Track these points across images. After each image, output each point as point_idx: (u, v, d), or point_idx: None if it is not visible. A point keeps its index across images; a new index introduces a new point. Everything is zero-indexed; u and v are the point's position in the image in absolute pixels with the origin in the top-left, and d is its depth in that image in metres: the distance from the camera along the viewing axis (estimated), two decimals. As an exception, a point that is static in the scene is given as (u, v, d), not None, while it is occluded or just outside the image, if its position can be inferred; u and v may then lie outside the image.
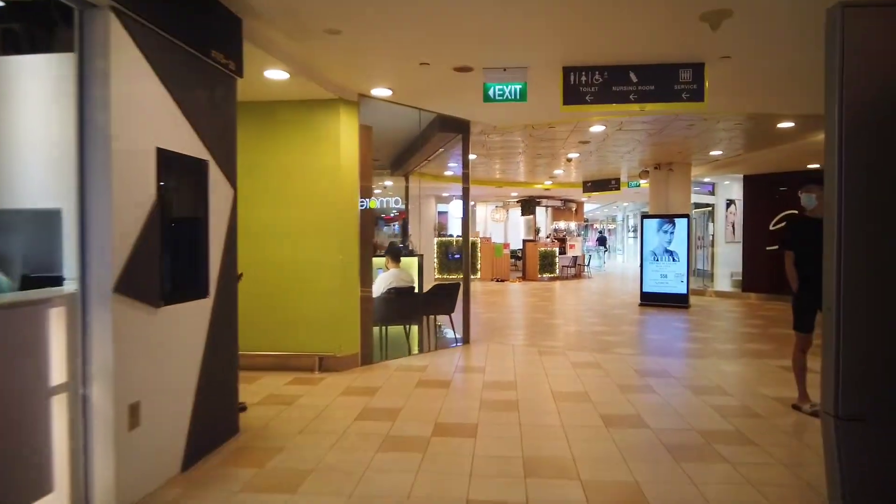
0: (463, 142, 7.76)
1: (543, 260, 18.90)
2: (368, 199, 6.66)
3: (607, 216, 37.91)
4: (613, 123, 8.00)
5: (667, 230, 11.72)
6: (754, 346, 7.46)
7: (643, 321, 9.86)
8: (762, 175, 12.92)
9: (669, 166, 12.03)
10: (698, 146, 9.83)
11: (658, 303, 11.68)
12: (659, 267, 11.80)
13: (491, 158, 11.59)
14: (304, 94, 5.85)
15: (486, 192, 18.72)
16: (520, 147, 10.18)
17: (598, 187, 15.45)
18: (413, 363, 6.44)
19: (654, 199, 12.40)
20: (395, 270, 6.93)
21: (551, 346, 7.46)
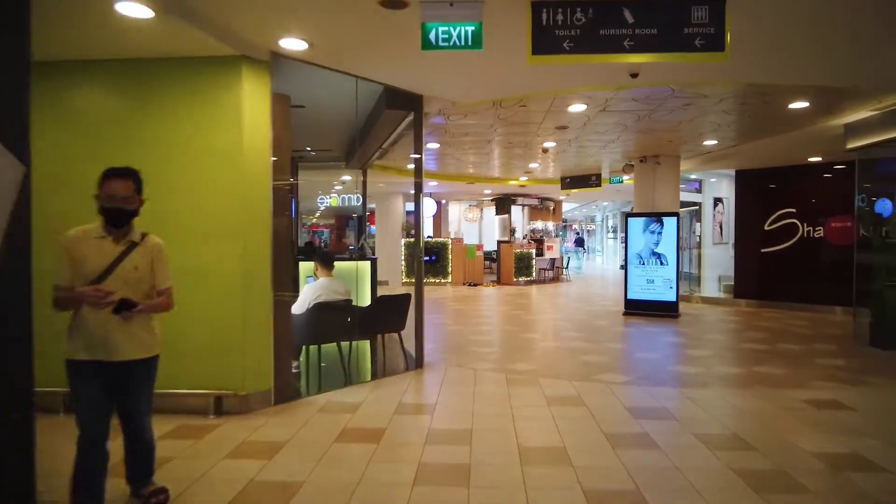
0: (415, 122, 6.38)
1: (519, 262, 17.63)
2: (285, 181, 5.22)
3: (586, 216, 36.89)
4: (597, 102, 6.68)
5: (654, 230, 10.48)
6: (765, 369, 6.20)
7: (629, 335, 8.58)
8: (757, 170, 11.78)
9: (656, 159, 10.80)
10: (691, 133, 8.59)
11: (644, 311, 10.44)
12: (645, 271, 10.56)
13: (457, 148, 10.22)
14: (188, 49, 4.40)
15: (457, 190, 17.37)
16: (489, 134, 8.82)
17: (577, 183, 14.19)
18: (346, 399, 5.03)
19: (640, 196, 11.16)
20: (326, 280, 5.50)
21: (523, 370, 6.10)
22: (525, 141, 9.40)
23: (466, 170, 13.56)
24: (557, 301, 13.08)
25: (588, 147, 10.03)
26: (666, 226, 10.37)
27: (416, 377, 5.85)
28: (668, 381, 5.72)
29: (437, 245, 17.41)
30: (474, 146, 9.91)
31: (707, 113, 7.19)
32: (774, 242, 11.55)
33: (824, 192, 10.95)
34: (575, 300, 13.21)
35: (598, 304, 12.21)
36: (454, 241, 17.47)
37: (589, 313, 10.78)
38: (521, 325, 9.29)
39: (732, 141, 9.23)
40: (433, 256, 17.35)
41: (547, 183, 15.40)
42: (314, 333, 5.36)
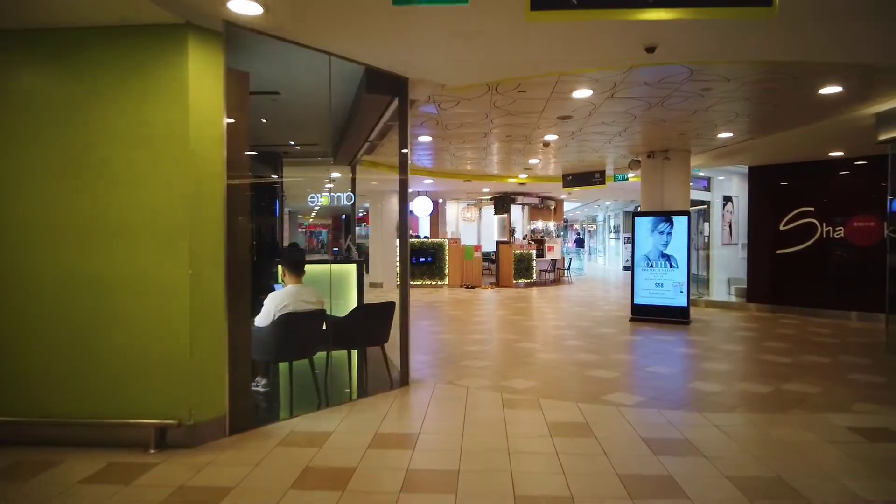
0: (399, 110, 5.66)
1: (519, 264, 16.90)
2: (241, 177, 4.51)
3: (588, 216, 36.16)
4: (604, 86, 5.96)
5: (662, 231, 9.77)
6: (795, 387, 5.48)
7: (639, 344, 7.86)
8: (772, 166, 11.06)
9: (665, 154, 10.08)
10: (706, 124, 7.87)
11: (653, 317, 9.72)
12: (653, 274, 9.84)
13: (452, 142, 9.50)
14: (121, 15, 3.69)
15: (454, 188, 16.66)
16: (486, 126, 8.09)
17: (579, 181, 13.47)
18: (315, 426, 4.32)
19: (647, 194, 10.44)
20: (294, 287, 4.78)
21: (521, 389, 5.39)
22: (525, 134, 8.68)
23: (463, 167, 12.84)
24: (559, 305, 12.36)
25: (592, 141, 9.31)
26: (676, 226, 9.65)
27: (399, 398, 5.13)
28: (687, 403, 4.99)
29: (433, 246, 16.70)
30: (470, 140, 9.19)
31: (727, 100, 6.47)
32: (791, 243, 10.83)
33: (845, 190, 10.23)
34: (578, 304, 12.48)
35: (603, 309, 11.49)
36: (451, 242, 16.76)
37: (593, 319, 10.06)
38: (521, 333, 8.57)
39: (749, 133, 8.50)
40: (429, 258, 16.64)
41: (548, 181, 14.68)
42: (281, 349, 4.64)
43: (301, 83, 6.18)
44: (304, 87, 6.23)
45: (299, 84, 6.21)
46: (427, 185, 15.68)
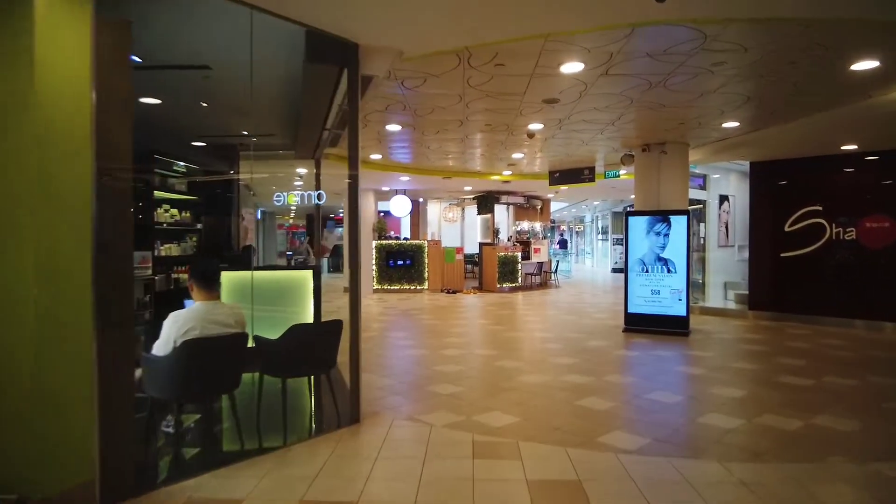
0: (349, 83, 4.64)
1: (504, 267, 15.92)
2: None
3: (575, 217, 35.34)
4: (598, 59, 4.97)
5: (659, 231, 8.82)
6: (827, 421, 4.53)
7: (635, 362, 6.88)
8: (776, 162, 10.17)
9: (662, 147, 9.14)
10: (710, 111, 6.93)
11: (648, 327, 8.77)
12: (649, 280, 8.89)
13: (426, 133, 8.47)
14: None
15: (434, 186, 15.64)
16: (461, 111, 7.08)
17: (567, 178, 12.51)
18: (222, 490, 3.27)
19: (642, 192, 9.49)
20: (204, 306, 3.72)
21: (498, 426, 4.38)
22: (506, 122, 7.68)
23: (443, 162, 11.83)
24: (546, 313, 11.38)
25: (582, 131, 8.33)
26: (674, 226, 8.71)
27: (343, 442, 4.10)
28: (702, 447, 4.01)
29: (412, 248, 15.66)
30: (446, 130, 8.17)
31: (739, 78, 5.52)
32: (797, 245, 9.94)
33: (857, 187, 9.36)
34: (566, 311, 11.51)
35: (593, 318, 10.52)
36: (431, 244, 15.74)
37: (583, 329, 9.08)
38: (502, 348, 7.56)
39: (757, 123, 7.58)
40: (407, 260, 15.60)
41: (533, 178, 13.71)
42: (183, 386, 3.58)
43: (234, 55, 5.13)
44: (240, 60, 5.17)
45: (233, 57, 5.16)
46: (405, 183, 14.64)
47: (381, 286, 15.60)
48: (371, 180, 13.65)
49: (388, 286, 15.60)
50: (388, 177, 12.97)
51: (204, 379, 3.66)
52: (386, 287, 15.60)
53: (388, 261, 15.59)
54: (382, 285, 15.61)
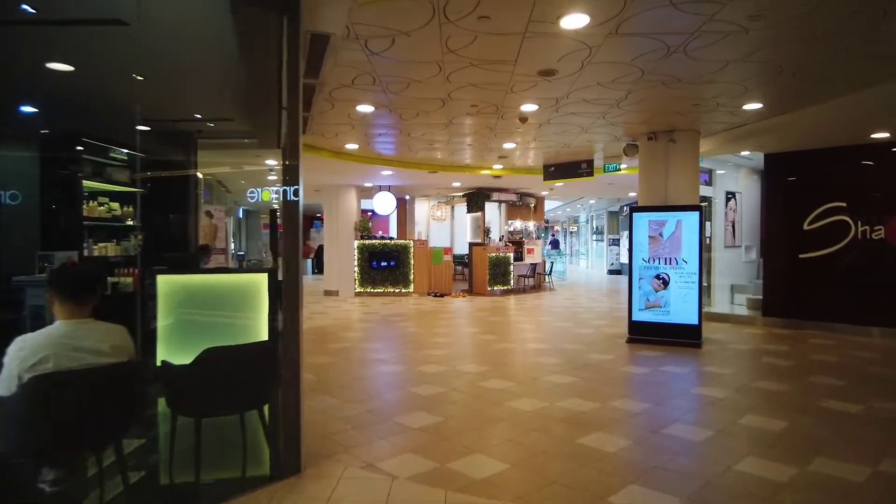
0: (288, 38, 3.61)
1: (495, 268, 14.92)
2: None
3: (570, 217, 34.42)
4: (608, 8, 3.95)
5: (668, 230, 7.84)
6: None
7: (645, 382, 5.87)
8: (795, 153, 9.21)
9: (670, 135, 8.15)
10: (732, 88, 5.95)
11: (655, 337, 7.79)
12: (656, 285, 7.90)
13: (404, 116, 7.44)
14: None
15: (420, 182, 14.60)
16: (442, 87, 6.06)
17: (563, 173, 11.51)
18: None
19: (648, 185, 8.50)
20: (66, 326, 2.66)
21: (480, 479, 3.36)
22: (495, 102, 6.66)
23: (428, 154, 10.81)
24: (540, 319, 10.37)
25: (581, 114, 7.33)
26: (685, 224, 7.73)
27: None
28: (750, 511, 3.00)
29: (397, 248, 14.62)
30: (426, 109, 7.13)
31: (778, 39, 4.53)
32: (817, 246, 8.98)
33: (887, 181, 8.41)
34: (562, 317, 10.50)
35: (592, 325, 9.52)
36: (417, 244, 14.70)
37: (582, 340, 8.08)
38: (490, 363, 6.54)
39: (787, 103, 6.60)
40: (391, 262, 14.57)
41: (527, 173, 12.70)
42: (34, 438, 2.54)
43: (158, 8, 4.08)
44: (164, 16, 4.13)
45: (156, 10, 4.11)
46: (387, 178, 13.59)
47: (363, 289, 14.55)
48: (351, 175, 12.60)
49: (371, 289, 14.56)
50: (369, 171, 11.93)
51: (66, 426, 2.62)
52: (369, 290, 14.55)
53: (371, 262, 14.54)
54: (365, 288, 14.56)
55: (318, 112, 7.08)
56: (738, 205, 12.41)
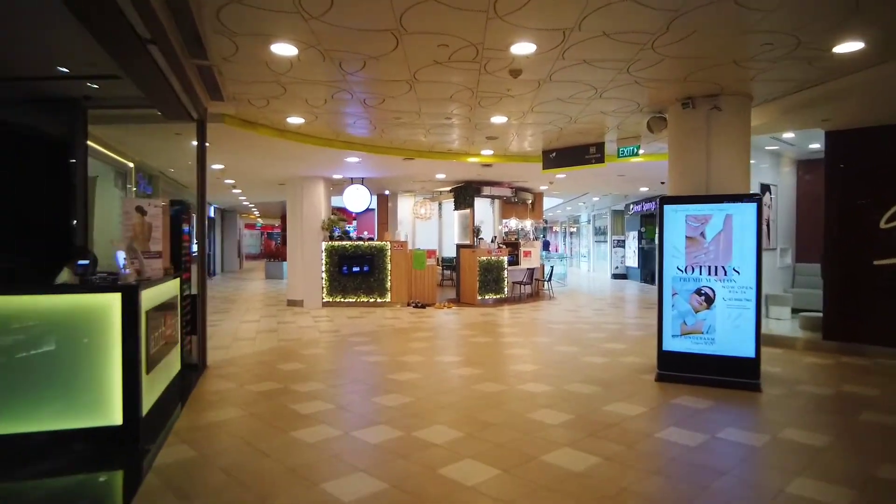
0: None
1: (486, 274, 12.82)
2: None
3: (570, 216, 32.31)
4: None
5: (712, 228, 5.75)
6: None
7: (699, 462, 3.75)
8: (870, 130, 7.11)
9: (714, 101, 6.07)
10: (827, 12, 3.85)
11: (695, 374, 5.71)
12: (696, 302, 5.82)
13: (344, 67, 5.32)
14: None
15: (398, 173, 12.46)
16: (386, 5, 3.94)
17: (567, 159, 9.42)
18: None
19: (682, 168, 6.41)
20: None
21: None
22: (471, 40, 4.55)
23: (399, 134, 8.71)
24: (539, 341, 8.25)
25: (598, 63, 5.23)
26: (737, 219, 5.64)
27: None
28: None
29: (371, 250, 12.51)
30: (372, 53, 5.03)
31: None
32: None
33: None
34: (566, 338, 8.39)
35: (605, 351, 7.40)
36: (395, 246, 12.59)
37: (595, 377, 5.96)
38: (465, 423, 4.43)
39: (894, 43, 4.52)
40: (365, 266, 12.45)
41: (522, 160, 10.61)
42: None
43: None
44: None
45: None
46: (357, 168, 11.46)
47: (332, 298, 12.43)
48: (310, 162, 10.47)
49: (341, 298, 12.44)
50: (331, 158, 9.81)
51: None
52: (339, 300, 12.43)
53: (342, 267, 12.42)
54: (335, 297, 12.44)
55: (223, 58, 4.96)
56: (774, 200, 10.35)
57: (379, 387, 5.59)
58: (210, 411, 4.79)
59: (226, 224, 26.72)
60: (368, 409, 4.83)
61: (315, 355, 7.16)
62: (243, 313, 11.27)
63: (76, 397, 3.82)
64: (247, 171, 11.75)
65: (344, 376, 6.04)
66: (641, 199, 19.48)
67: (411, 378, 5.91)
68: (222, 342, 8.03)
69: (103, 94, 6.24)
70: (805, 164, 10.43)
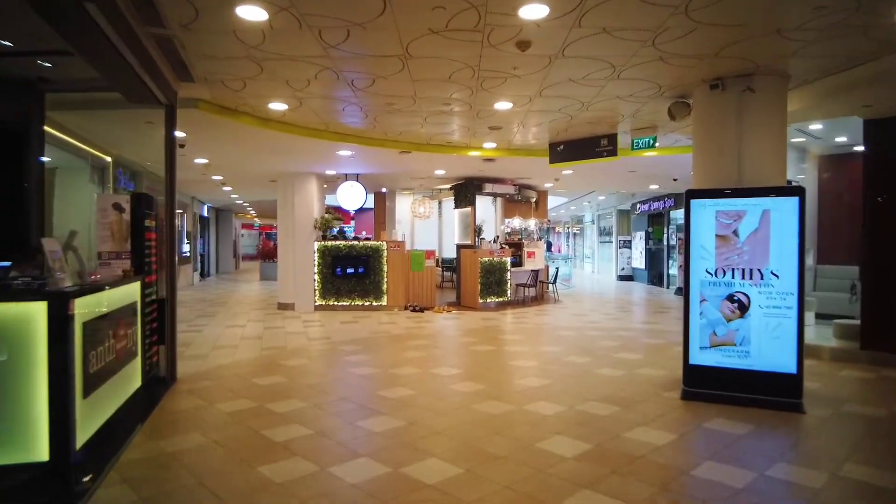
0: None
1: (488, 276, 12.13)
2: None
3: (573, 216, 31.59)
4: None
5: (747, 225, 5.05)
6: None
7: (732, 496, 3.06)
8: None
9: (747, 82, 5.37)
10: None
11: (727, 392, 5.02)
12: (727, 310, 5.12)
13: (324, 37, 4.63)
14: None
15: (395, 169, 11.76)
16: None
17: (576, 152, 8.72)
18: None
19: (709, 157, 5.72)
20: None
21: None
22: (473, 2, 3.86)
23: (394, 123, 8.04)
24: (547, 350, 7.55)
25: (619, 34, 4.53)
26: (776, 215, 4.94)
27: None
28: None
29: (366, 251, 11.81)
30: (356, 19, 4.36)
31: None
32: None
33: None
34: (576, 347, 7.69)
35: (621, 362, 6.70)
36: (391, 246, 11.89)
37: (612, 394, 5.25)
38: (464, 453, 3.74)
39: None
40: (360, 268, 11.75)
41: (527, 154, 9.91)
42: None
43: None
44: None
45: None
46: (351, 163, 10.77)
47: (325, 301, 11.74)
48: (300, 156, 9.78)
49: (335, 301, 11.75)
50: (321, 150, 9.12)
51: None
52: (332, 303, 11.74)
53: (335, 268, 11.73)
54: (328, 300, 11.75)
55: (183, 26, 4.26)
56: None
57: (367, 407, 4.90)
58: (167, 438, 4.10)
59: (221, 224, 26.05)
60: (352, 437, 4.13)
61: (299, 367, 6.46)
62: (230, 317, 10.58)
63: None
64: (233, 166, 11.06)
65: (329, 393, 5.35)
66: (649, 198, 18.77)
67: (404, 395, 5.22)
68: (200, 350, 7.34)
69: (61, 75, 5.57)
70: (828, 160, 9.72)
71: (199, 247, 21.54)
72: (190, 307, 12.21)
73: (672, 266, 17.44)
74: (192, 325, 9.53)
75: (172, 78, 5.40)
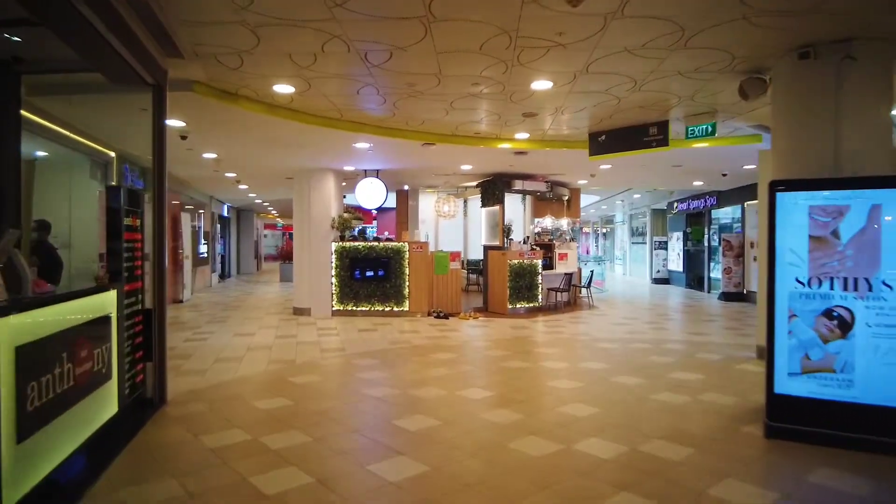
0: None
1: (517, 280, 11.23)
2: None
3: (603, 216, 30.38)
4: None
5: (850, 224, 4.07)
6: None
7: None
8: None
9: (845, 49, 4.38)
10: None
11: (825, 429, 4.03)
12: (825, 328, 4.13)
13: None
14: None
15: (417, 164, 10.91)
16: None
17: (621, 142, 7.75)
18: None
19: (795, 141, 4.73)
20: None
21: None
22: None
23: (415, 110, 7.20)
24: (588, 368, 6.61)
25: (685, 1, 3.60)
26: (891, 211, 3.95)
27: None
28: None
29: (387, 252, 11.00)
30: None
31: None
32: None
33: None
34: (623, 364, 6.73)
35: (682, 385, 5.71)
36: (413, 247, 11.06)
37: (680, 432, 4.30)
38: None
39: None
40: (379, 270, 10.95)
41: (563, 145, 8.96)
42: None
43: None
44: None
45: None
46: (370, 158, 9.96)
47: (343, 306, 10.97)
48: (318, 150, 9.00)
49: (353, 306, 10.96)
50: (337, 141, 8.31)
51: None
52: (350, 308, 10.95)
53: (354, 271, 10.94)
54: (346, 305, 10.97)
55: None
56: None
57: (381, 442, 4.05)
58: (134, 485, 3.31)
59: (242, 224, 25.59)
60: (360, 488, 3.28)
61: (307, 386, 5.65)
62: (240, 324, 9.87)
63: None
64: (244, 161, 10.35)
65: (337, 422, 4.52)
66: (687, 196, 17.59)
67: (426, 427, 4.36)
68: (200, 364, 6.60)
69: (37, 54, 4.86)
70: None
71: (220, 247, 21.04)
72: (201, 311, 11.57)
73: (714, 269, 16.27)
74: (197, 333, 8.82)
75: (158, 53, 4.63)
